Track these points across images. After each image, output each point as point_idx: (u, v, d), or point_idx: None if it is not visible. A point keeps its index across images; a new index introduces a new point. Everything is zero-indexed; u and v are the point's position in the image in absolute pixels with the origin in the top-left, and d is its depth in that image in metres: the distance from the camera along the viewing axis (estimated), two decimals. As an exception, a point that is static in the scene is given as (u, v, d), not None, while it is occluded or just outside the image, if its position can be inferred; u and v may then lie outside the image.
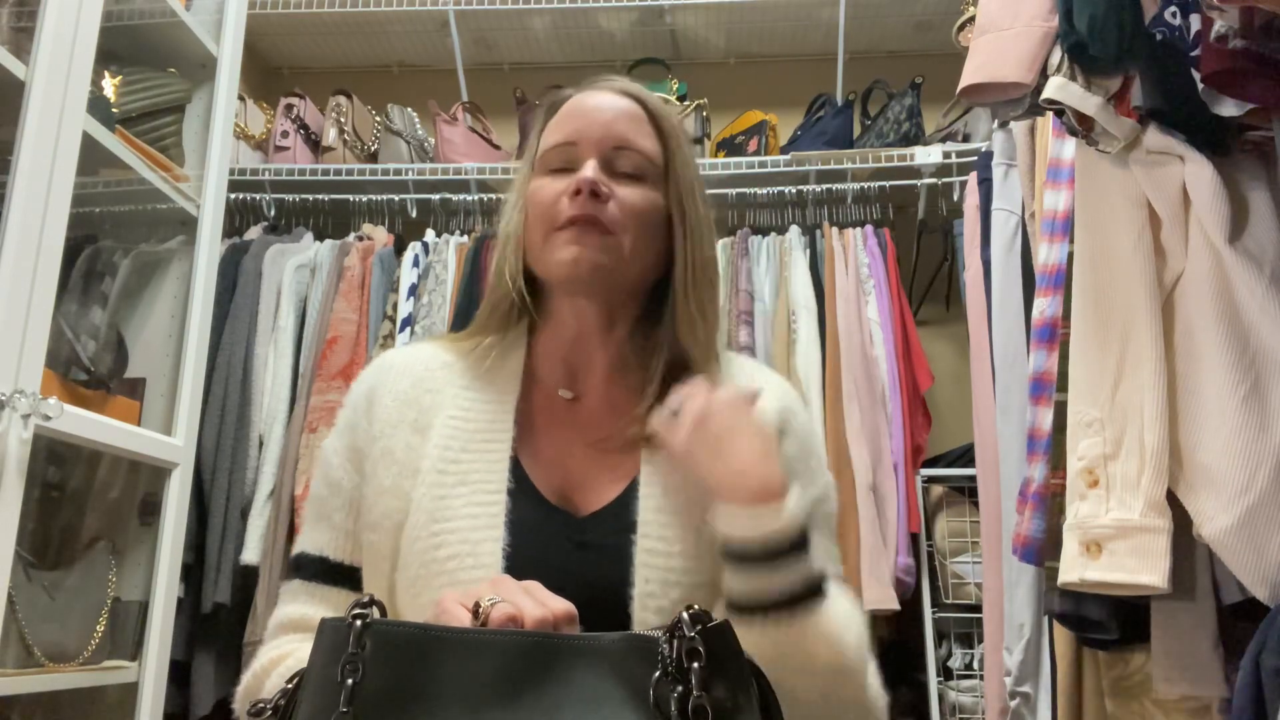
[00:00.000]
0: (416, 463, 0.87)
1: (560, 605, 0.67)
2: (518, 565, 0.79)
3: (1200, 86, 1.10)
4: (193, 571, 2.23)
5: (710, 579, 0.82)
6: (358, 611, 0.62)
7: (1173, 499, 1.17)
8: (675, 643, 0.62)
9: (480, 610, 0.65)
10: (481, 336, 0.95)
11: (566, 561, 0.82)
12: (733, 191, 2.70)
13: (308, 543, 0.92)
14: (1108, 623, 1.34)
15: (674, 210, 0.91)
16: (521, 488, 0.86)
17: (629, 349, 0.92)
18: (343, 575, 0.89)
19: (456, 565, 0.81)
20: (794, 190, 2.66)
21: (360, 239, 2.64)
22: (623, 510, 0.85)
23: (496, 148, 2.83)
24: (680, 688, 0.60)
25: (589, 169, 0.88)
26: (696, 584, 0.82)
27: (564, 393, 0.93)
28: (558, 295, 0.92)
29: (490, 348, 0.94)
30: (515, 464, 0.87)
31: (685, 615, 0.62)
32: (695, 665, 0.60)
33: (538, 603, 0.67)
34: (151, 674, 1.77)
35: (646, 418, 0.88)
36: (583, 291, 0.89)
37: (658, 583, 0.81)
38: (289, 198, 2.75)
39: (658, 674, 0.61)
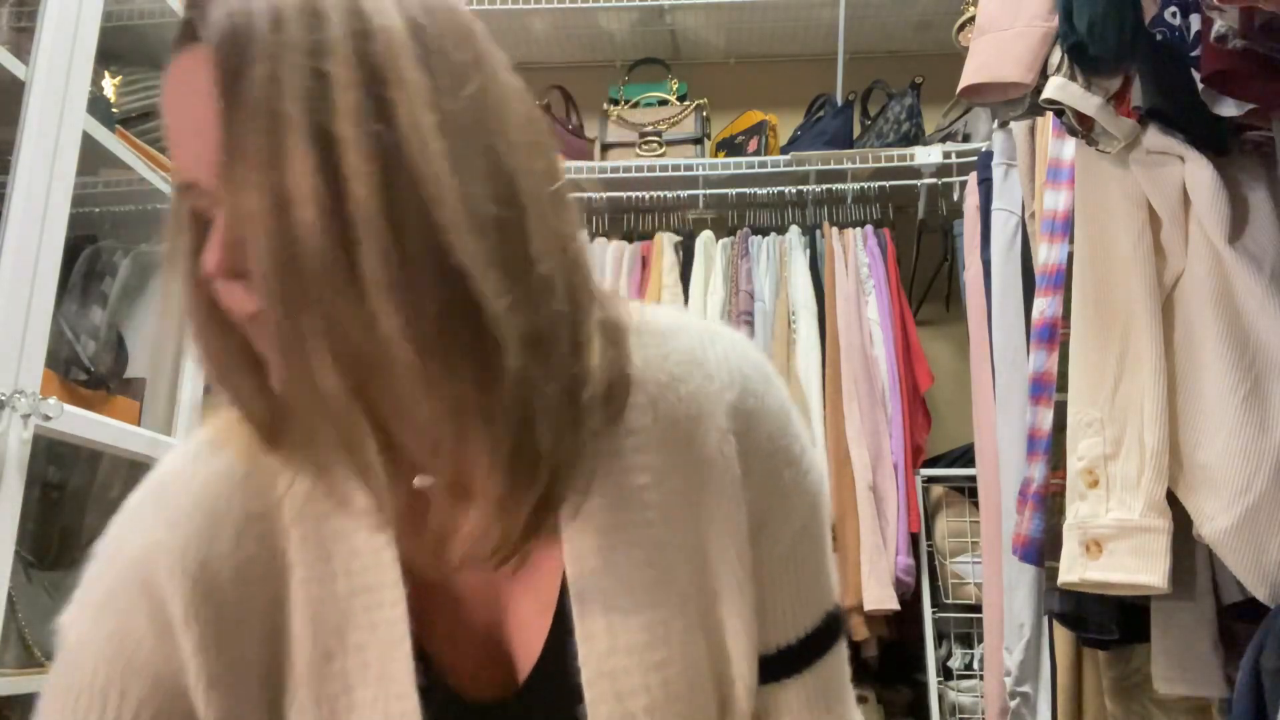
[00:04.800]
0: (283, 660, 0.60)
1: None
2: None
3: (1200, 86, 1.10)
4: (193, 571, 2.22)
5: (690, 709, 0.60)
6: None
7: (1173, 499, 1.17)
8: None
9: None
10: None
11: None
12: (733, 191, 2.70)
13: None
14: (1108, 623, 1.34)
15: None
16: (433, 680, 0.59)
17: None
18: None
19: None
20: (794, 190, 2.66)
21: (360, 239, 2.63)
22: (556, 664, 0.59)
23: (496, 148, 2.83)
24: None
25: (212, 246, 0.52)
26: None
27: (420, 480, 0.59)
28: None
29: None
30: (418, 645, 0.59)
31: None
32: None
33: None
34: (151, 674, 1.77)
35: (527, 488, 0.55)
36: None
37: None
38: (289, 198, 2.74)
39: None
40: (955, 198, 2.52)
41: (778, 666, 0.65)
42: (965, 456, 2.29)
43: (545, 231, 0.53)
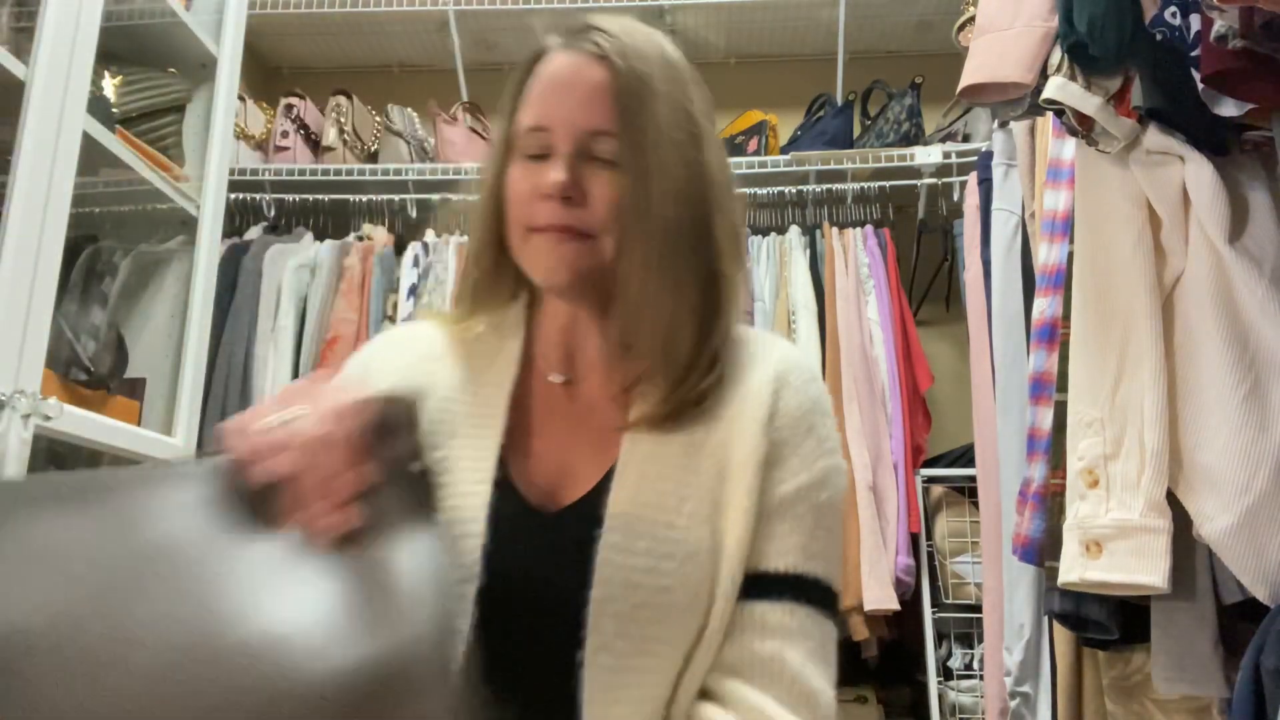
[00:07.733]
0: None
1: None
2: (495, 568, 0.77)
3: (1200, 86, 1.11)
4: (193, 571, 2.22)
5: (679, 581, 0.77)
6: None
7: (1173, 499, 1.17)
8: None
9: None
10: (475, 318, 0.90)
11: (534, 565, 0.79)
12: (733, 191, 2.70)
13: None
14: (1108, 623, 1.34)
15: (626, 183, 0.80)
16: (506, 480, 0.82)
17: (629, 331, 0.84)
18: None
19: None
20: (794, 190, 2.66)
21: (360, 239, 2.64)
22: (595, 502, 0.79)
23: (496, 148, 2.83)
24: None
25: (559, 169, 0.79)
26: (660, 587, 0.76)
27: (554, 377, 0.87)
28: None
29: (488, 328, 0.89)
30: (503, 454, 0.83)
31: None
32: None
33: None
34: (151, 674, 1.77)
35: (634, 396, 0.82)
36: (565, 295, 0.85)
37: (619, 584, 0.76)
38: (289, 198, 2.74)
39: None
40: (955, 198, 2.52)
41: (764, 586, 0.79)
42: (965, 456, 2.29)
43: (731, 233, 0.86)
